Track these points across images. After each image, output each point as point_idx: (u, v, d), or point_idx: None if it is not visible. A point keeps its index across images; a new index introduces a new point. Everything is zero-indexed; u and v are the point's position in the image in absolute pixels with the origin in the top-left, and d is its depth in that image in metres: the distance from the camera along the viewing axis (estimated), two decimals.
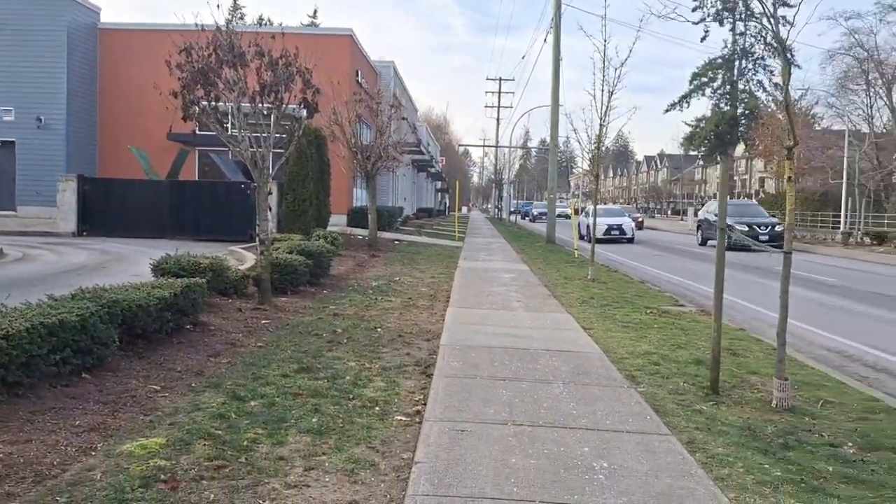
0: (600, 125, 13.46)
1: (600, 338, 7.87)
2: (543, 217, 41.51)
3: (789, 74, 5.33)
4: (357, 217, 25.03)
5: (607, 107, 13.42)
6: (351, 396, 5.29)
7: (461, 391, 5.41)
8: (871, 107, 47.80)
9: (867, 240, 29.50)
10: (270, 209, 9.84)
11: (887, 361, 7.94)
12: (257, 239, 9.89)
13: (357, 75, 26.29)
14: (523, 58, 65.26)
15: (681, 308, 10.81)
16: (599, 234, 25.03)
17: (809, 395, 5.90)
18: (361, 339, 7.36)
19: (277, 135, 10.00)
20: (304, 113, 9.93)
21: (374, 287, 11.65)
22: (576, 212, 29.00)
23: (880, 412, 5.55)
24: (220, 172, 23.69)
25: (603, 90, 13.38)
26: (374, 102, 19.10)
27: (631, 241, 29.69)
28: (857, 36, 47.05)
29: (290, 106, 9.77)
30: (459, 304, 9.94)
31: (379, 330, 7.92)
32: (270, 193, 9.98)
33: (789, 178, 5.47)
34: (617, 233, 29.31)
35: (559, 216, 37.35)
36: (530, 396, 5.32)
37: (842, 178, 44.30)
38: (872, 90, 47.61)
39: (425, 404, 5.11)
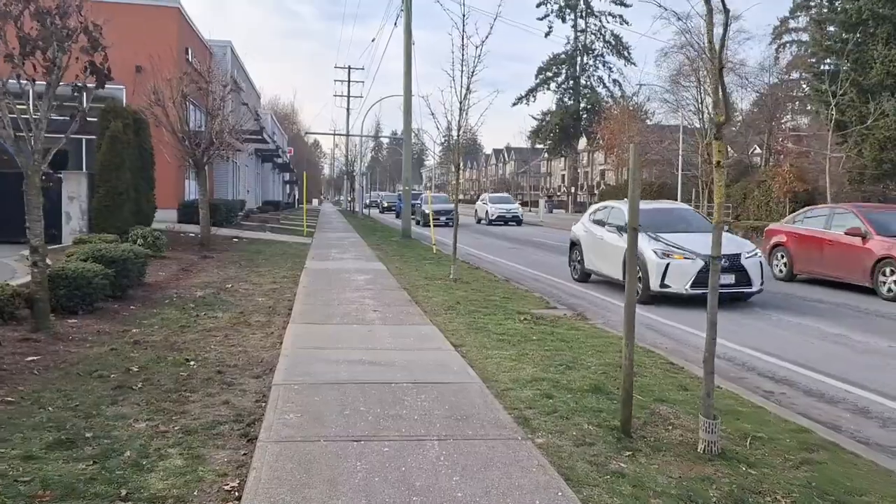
0: (460, 109, 12.17)
1: (476, 358, 6.48)
2: (443, 217, 33.18)
3: (726, 28, 4.15)
4: (189, 211, 22.25)
5: (467, 89, 12.15)
6: (123, 493, 3.47)
7: (296, 469, 3.75)
8: (702, 102, 50.93)
9: None
10: (43, 205, 7.55)
11: (783, 369, 7.21)
12: (31, 245, 7.56)
13: (187, 53, 23.40)
14: (373, 40, 63.45)
15: (554, 311, 9.74)
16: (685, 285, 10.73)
17: (731, 428, 4.84)
18: (164, 382, 5.46)
19: (60, 116, 7.76)
20: (96, 82, 7.69)
21: (197, 299, 9.58)
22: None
23: (818, 448, 4.56)
24: (14, 160, 20.08)
25: (462, 71, 12.09)
26: (203, 81, 16.65)
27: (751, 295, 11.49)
28: (687, 35, 49.94)
29: (70, 83, 7.54)
30: (304, 319, 8.20)
31: (192, 364, 6.03)
32: (47, 185, 7.69)
33: (718, 162, 4.28)
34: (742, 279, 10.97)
35: (451, 216, 32.31)
36: (396, 470, 3.77)
37: (676, 170, 46.84)
38: (702, 87, 50.73)
39: (239, 499, 3.41)
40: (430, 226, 22.30)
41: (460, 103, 12.10)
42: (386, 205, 64.41)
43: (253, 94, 40.40)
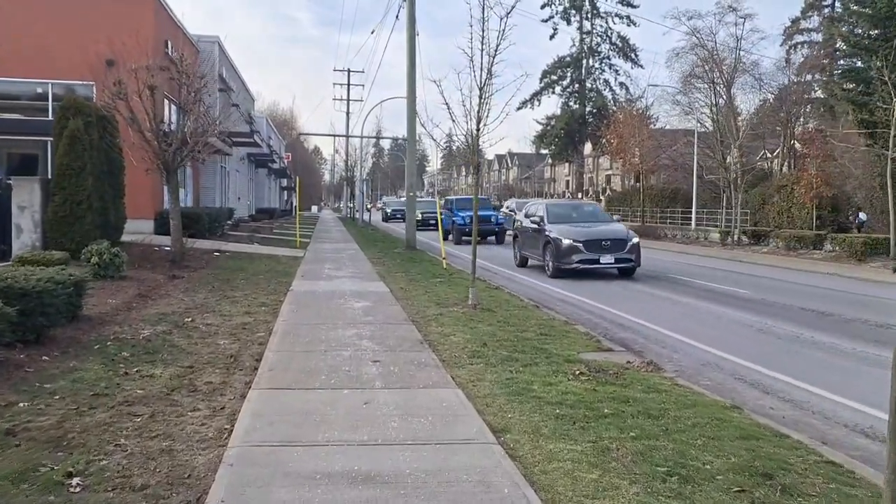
0: (480, 96, 9.83)
1: (533, 462, 4.13)
2: (610, 256, 15.55)
3: None
4: (168, 222, 19.88)
5: (489, 72, 9.83)
6: None
7: None
8: (716, 105, 48.57)
9: (745, 238, 28.43)
10: None
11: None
12: None
13: (167, 46, 21.11)
14: (373, 32, 61.60)
15: (611, 356, 7.39)
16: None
17: None
18: None
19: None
20: None
21: (140, 342, 7.23)
22: None
23: None
24: None
25: (482, 49, 9.79)
26: (175, 71, 14.35)
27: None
28: (698, 35, 47.77)
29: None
30: (273, 379, 5.84)
31: (72, 484, 3.66)
32: None
33: None
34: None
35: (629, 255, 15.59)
36: None
37: (690, 174, 44.54)
38: (716, 89, 48.40)
39: None
40: (564, 269, 14.72)
41: (480, 89, 9.77)
42: (421, 217, 33.99)
43: (246, 95, 38.13)
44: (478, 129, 9.88)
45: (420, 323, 8.78)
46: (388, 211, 53.84)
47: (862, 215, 29.58)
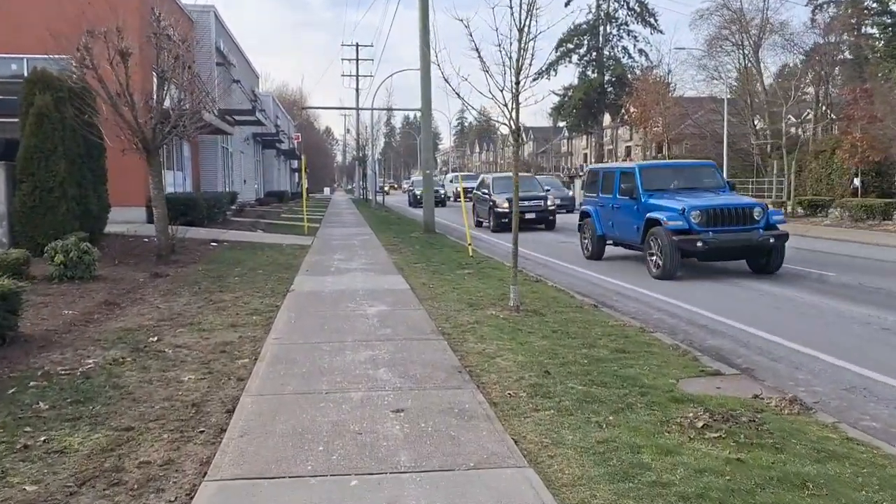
0: (520, 40, 7.66)
1: None
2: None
3: None
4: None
5: (529, 9, 7.67)
6: None
7: None
8: (745, 69, 45.72)
9: (800, 210, 26.04)
10: None
11: None
12: None
13: (153, 14, 18.98)
14: None
15: (725, 385, 5.30)
16: None
17: None
18: None
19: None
20: None
21: (75, 380, 5.23)
22: None
23: None
24: None
25: None
26: (154, 35, 12.27)
27: None
28: None
29: None
30: (243, 459, 3.82)
31: None
32: None
33: None
34: None
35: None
36: None
37: (717, 143, 42.00)
38: (743, 52, 45.56)
39: None
40: None
41: (520, 31, 7.61)
42: (500, 208, 20.38)
43: (249, 72, 35.99)
44: (517, 83, 7.73)
45: (453, 336, 6.73)
46: (418, 193, 35.72)
47: (857, 181, 27.12)
